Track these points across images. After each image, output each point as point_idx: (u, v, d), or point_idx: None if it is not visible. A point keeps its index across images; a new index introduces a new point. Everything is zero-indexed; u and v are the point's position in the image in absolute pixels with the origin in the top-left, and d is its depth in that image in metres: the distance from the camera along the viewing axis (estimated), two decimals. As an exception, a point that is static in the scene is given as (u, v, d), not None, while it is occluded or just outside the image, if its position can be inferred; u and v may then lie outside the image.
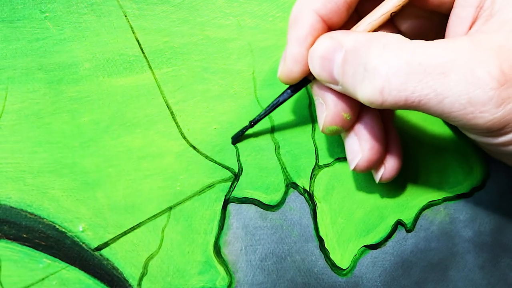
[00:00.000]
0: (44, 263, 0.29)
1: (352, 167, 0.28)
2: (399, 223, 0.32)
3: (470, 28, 0.25)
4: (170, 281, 0.30)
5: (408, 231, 0.32)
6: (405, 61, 0.22)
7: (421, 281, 0.32)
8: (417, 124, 0.33)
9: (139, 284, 0.29)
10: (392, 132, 0.30)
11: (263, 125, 0.31)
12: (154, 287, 0.30)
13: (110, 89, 0.31)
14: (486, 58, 0.22)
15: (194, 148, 0.31)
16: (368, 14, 0.26)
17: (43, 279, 0.29)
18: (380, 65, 0.22)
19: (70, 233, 0.29)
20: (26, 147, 0.30)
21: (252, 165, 0.31)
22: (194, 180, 0.31)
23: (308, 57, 0.26)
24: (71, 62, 0.30)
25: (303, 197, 0.31)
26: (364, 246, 0.32)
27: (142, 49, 0.31)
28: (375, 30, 0.26)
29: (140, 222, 0.30)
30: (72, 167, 0.30)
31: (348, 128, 0.28)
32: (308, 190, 0.31)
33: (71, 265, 0.29)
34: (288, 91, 0.29)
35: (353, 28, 0.26)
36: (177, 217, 0.30)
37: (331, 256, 0.31)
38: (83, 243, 0.29)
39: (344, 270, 0.31)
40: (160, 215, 0.30)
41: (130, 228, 0.30)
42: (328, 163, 0.32)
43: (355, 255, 0.31)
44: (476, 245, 0.32)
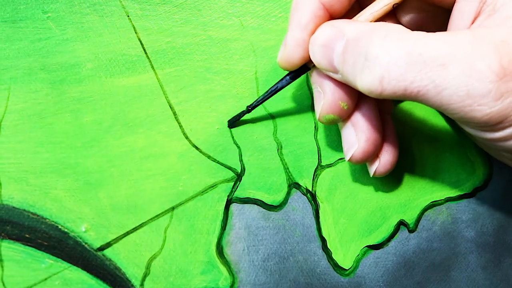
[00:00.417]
0: (47, 263, 0.29)
1: (348, 158, 0.28)
2: (401, 223, 0.32)
3: (472, 23, 0.25)
4: (173, 281, 0.30)
5: (410, 231, 0.32)
6: (405, 52, 0.22)
7: (423, 281, 0.32)
8: (419, 125, 0.33)
9: (141, 284, 0.29)
10: (389, 126, 0.30)
11: (266, 125, 0.31)
12: (156, 287, 0.30)
13: (112, 89, 0.31)
14: (486, 52, 0.22)
15: (196, 148, 0.31)
16: (371, 4, 0.26)
17: (45, 279, 0.29)
18: (381, 55, 0.23)
19: (73, 233, 0.29)
20: (28, 147, 0.30)
21: (254, 165, 0.31)
22: (196, 180, 0.31)
23: (309, 44, 0.26)
24: (74, 62, 0.30)
25: (305, 197, 0.31)
26: (366, 246, 0.32)
27: (144, 49, 0.31)
28: (376, 21, 0.26)
29: (142, 222, 0.30)
30: (74, 167, 0.30)
31: (345, 118, 0.28)
32: (310, 190, 0.31)
33: (74, 265, 0.29)
34: (287, 77, 0.28)
35: (355, 17, 0.26)
36: (179, 217, 0.30)
37: (333, 256, 0.31)
38: (85, 243, 0.29)
39: (347, 270, 0.31)
40: (163, 215, 0.30)
41: (132, 228, 0.30)
42: (330, 163, 0.32)
43: (358, 255, 0.31)
44: (478, 245, 0.32)
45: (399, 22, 0.29)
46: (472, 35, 0.22)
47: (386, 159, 0.29)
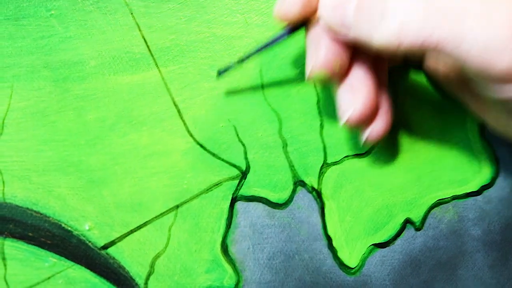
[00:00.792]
0: (50, 262, 0.29)
1: (344, 120, 0.27)
2: (407, 221, 0.32)
3: None
4: (177, 279, 0.30)
5: (417, 229, 0.32)
6: (423, 5, 0.22)
7: (429, 280, 0.31)
8: (425, 122, 0.33)
9: (145, 283, 0.29)
10: (384, 95, 0.29)
11: (271, 122, 0.31)
12: (161, 286, 0.29)
13: (116, 87, 0.30)
14: (504, 3, 0.22)
15: (201, 146, 0.31)
16: None
17: (49, 278, 0.29)
18: (398, 8, 0.23)
19: (76, 232, 0.29)
20: (31, 145, 0.29)
21: (259, 163, 0.31)
22: (201, 178, 0.30)
23: (319, 3, 0.26)
24: (77, 60, 0.30)
25: (311, 195, 0.31)
26: (372, 244, 0.31)
27: (148, 47, 0.31)
28: None
29: (146, 221, 0.30)
30: (78, 165, 0.30)
31: (339, 80, 0.27)
32: (316, 188, 0.31)
33: (77, 263, 0.29)
34: (283, 32, 0.28)
35: None
36: (184, 215, 0.30)
37: (339, 254, 0.31)
38: (89, 241, 0.29)
39: (353, 268, 0.31)
40: (167, 213, 0.30)
41: (136, 227, 0.30)
42: (336, 161, 0.32)
43: (364, 253, 0.31)
44: (485, 243, 0.32)
45: None
46: None
47: (379, 125, 0.28)
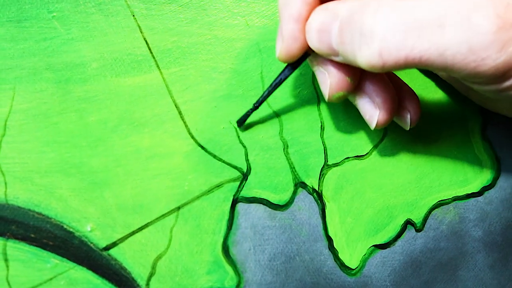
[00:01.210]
0: (52, 263, 0.29)
1: (374, 125, 0.28)
2: (408, 222, 0.32)
3: None
4: (179, 281, 0.30)
5: (417, 230, 0.32)
6: (400, 20, 0.22)
7: (430, 281, 0.31)
8: (427, 123, 0.33)
9: (147, 284, 0.29)
10: (403, 85, 0.29)
11: (272, 124, 0.31)
12: (162, 287, 0.29)
13: (118, 89, 0.30)
14: (480, 4, 0.22)
15: (202, 147, 0.31)
16: None
17: (51, 279, 0.29)
18: (375, 27, 0.22)
19: (78, 233, 0.29)
20: (33, 147, 0.29)
21: (260, 165, 0.31)
22: (202, 180, 0.30)
23: (305, 32, 0.26)
24: (79, 61, 0.30)
25: (311, 196, 0.31)
26: (373, 245, 0.31)
27: (150, 49, 0.31)
28: None
29: (148, 222, 0.30)
30: (80, 167, 0.30)
31: (353, 91, 0.28)
32: (317, 189, 0.31)
33: (79, 265, 0.29)
34: (289, 67, 0.28)
35: None
36: (185, 216, 0.30)
37: (340, 255, 0.31)
38: (91, 243, 0.29)
39: (353, 269, 0.31)
40: (169, 215, 0.30)
41: (138, 228, 0.30)
42: (337, 163, 0.32)
43: (364, 254, 0.31)
44: (486, 244, 0.32)
45: None
46: None
47: (413, 106, 0.29)
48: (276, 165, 0.31)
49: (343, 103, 0.32)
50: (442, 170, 0.32)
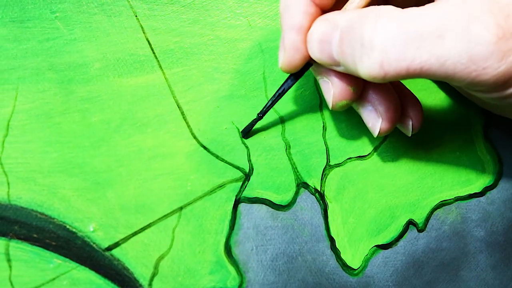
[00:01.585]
0: (55, 263, 0.29)
1: (376, 133, 0.28)
2: (410, 222, 0.32)
3: None
4: (181, 281, 0.30)
5: (419, 231, 0.32)
6: (399, 30, 0.22)
7: (432, 281, 0.31)
8: (428, 124, 0.33)
9: (150, 284, 0.29)
10: (406, 90, 0.29)
11: (274, 125, 0.31)
12: (165, 287, 0.29)
13: (120, 89, 0.30)
14: (480, 14, 0.22)
15: (204, 148, 0.31)
16: None
17: (53, 279, 0.29)
18: (375, 38, 0.22)
19: (81, 233, 0.29)
20: (36, 147, 0.29)
21: (263, 165, 0.31)
22: (205, 180, 0.31)
23: (307, 43, 0.26)
24: (82, 62, 0.30)
25: (314, 197, 0.31)
26: (375, 246, 0.31)
27: (152, 49, 0.31)
28: (367, 6, 0.26)
29: (151, 222, 0.30)
30: (82, 167, 0.30)
31: (356, 99, 0.28)
32: (319, 190, 0.31)
33: (82, 265, 0.29)
34: (292, 77, 0.28)
35: (345, 6, 0.26)
36: (188, 217, 0.30)
37: (342, 256, 0.31)
38: (93, 243, 0.29)
39: (355, 270, 0.31)
40: (171, 215, 0.30)
41: (141, 228, 0.30)
42: (339, 163, 0.32)
43: (366, 255, 0.31)
44: (488, 244, 0.32)
45: (391, 3, 0.29)
46: (462, 1, 0.22)
47: (415, 114, 0.29)
48: (278, 165, 0.31)
49: (345, 104, 0.32)
50: (444, 171, 0.32)
